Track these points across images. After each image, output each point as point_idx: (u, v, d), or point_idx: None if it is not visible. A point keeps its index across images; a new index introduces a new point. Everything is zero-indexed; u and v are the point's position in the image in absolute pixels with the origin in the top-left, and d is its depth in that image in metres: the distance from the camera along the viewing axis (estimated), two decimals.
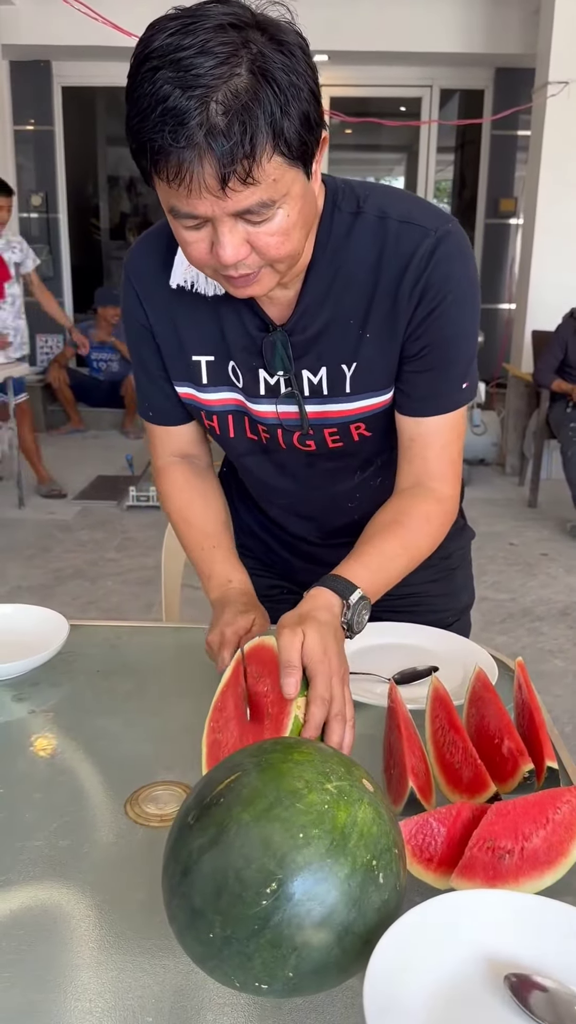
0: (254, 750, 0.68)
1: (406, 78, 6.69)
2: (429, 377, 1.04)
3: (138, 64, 0.81)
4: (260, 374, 1.07)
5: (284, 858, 0.59)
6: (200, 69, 0.77)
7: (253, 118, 0.78)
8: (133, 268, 1.11)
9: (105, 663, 1.19)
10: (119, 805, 0.88)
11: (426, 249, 0.97)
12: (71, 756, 0.98)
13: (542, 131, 5.19)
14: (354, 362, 1.04)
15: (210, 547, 1.15)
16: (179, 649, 1.26)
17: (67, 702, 1.09)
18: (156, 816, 0.87)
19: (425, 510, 1.06)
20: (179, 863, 0.63)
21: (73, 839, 0.84)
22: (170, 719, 1.05)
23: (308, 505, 1.22)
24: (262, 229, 0.86)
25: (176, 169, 0.80)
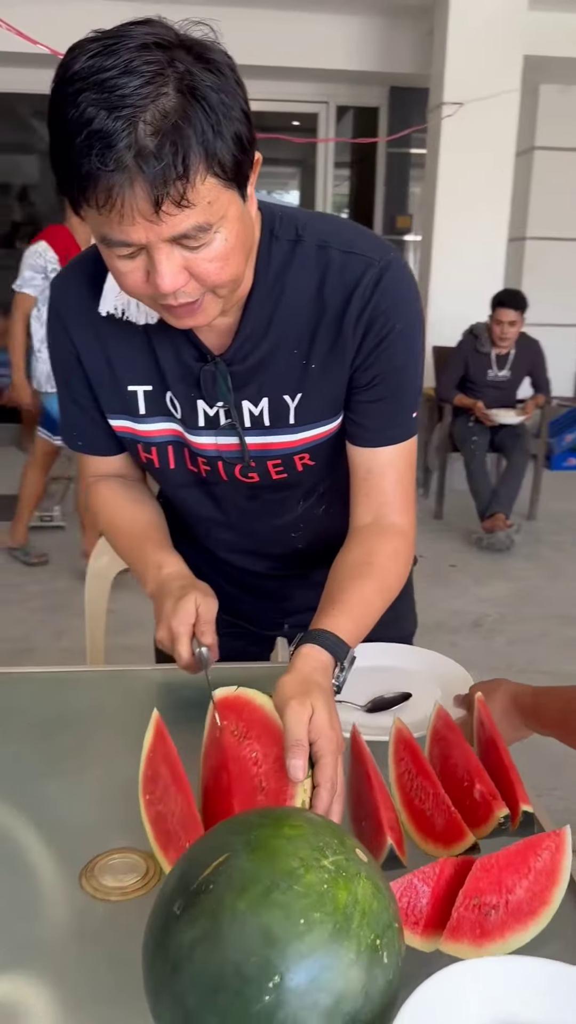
0: (239, 826, 0.63)
1: (302, 94, 6.72)
2: (381, 407, 1.02)
3: (59, 87, 0.77)
4: (199, 405, 1.03)
5: (286, 948, 0.55)
6: (125, 89, 0.73)
7: (184, 138, 0.75)
8: (59, 297, 1.05)
9: (39, 716, 1.12)
10: (73, 879, 0.82)
11: (370, 279, 0.95)
12: (13, 826, 0.90)
13: (438, 150, 5.30)
14: (298, 393, 1.01)
15: (138, 545, 1.10)
16: (118, 696, 1.20)
17: (1, 763, 1.01)
18: (116, 889, 0.80)
19: (392, 547, 1.03)
20: (167, 959, 0.58)
21: (28, 922, 0.77)
22: (116, 776, 0.98)
23: (251, 538, 1.18)
24: (200, 255, 0.83)
25: (106, 194, 0.76)
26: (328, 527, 1.16)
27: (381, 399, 1.01)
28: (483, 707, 0.98)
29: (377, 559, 1.01)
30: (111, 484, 1.16)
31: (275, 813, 0.65)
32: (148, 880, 0.81)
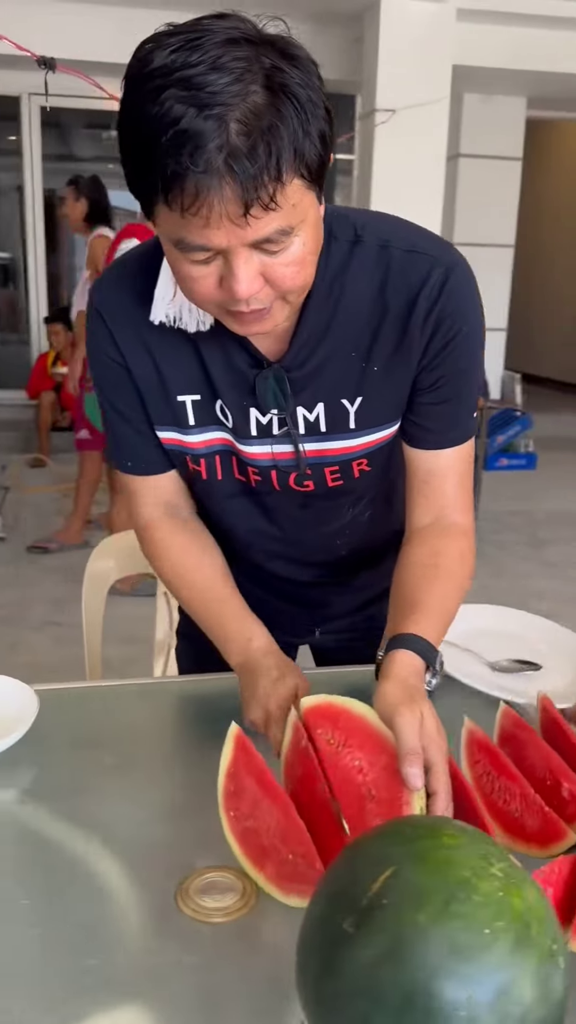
0: (393, 837, 0.61)
1: None
2: (444, 409, 1.01)
3: (137, 82, 0.73)
4: (252, 413, 1.00)
5: (475, 960, 0.54)
6: (214, 86, 0.70)
7: (277, 138, 0.73)
8: (104, 304, 1.00)
9: (76, 732, 1.07)
10: (166, 901, 0.78)
11: (437, 279, 0.94)
12: (88, 849, 0.86)
13: (372, 157, 5.36)
14: (359, 396, 0.99)
15: (217, 604, 1.05)
16: (150, 710, 1.16)
17: (53, 783, 0.97)
18: (218, 910, 0.77)
19: (458, 548, 1.03)
20: (342, 977, 0.56)
21: (130, 951, 0.73)
22: (175, 792, 0.96)
23: (296, 547, 1.15)
24: (278, 259, 0.80)
25: (193, 196, 0.73)
26: (373, 533, 1.16)
27: (444, 401, 1.00)
28: (549, 706, 0.99)
29: (443, 560, 1.01)
30: (170, 524, 1.10)
31: (426, 822, 0.64)
32: (247, 899, 0.79)
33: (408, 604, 0.96)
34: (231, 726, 0.87)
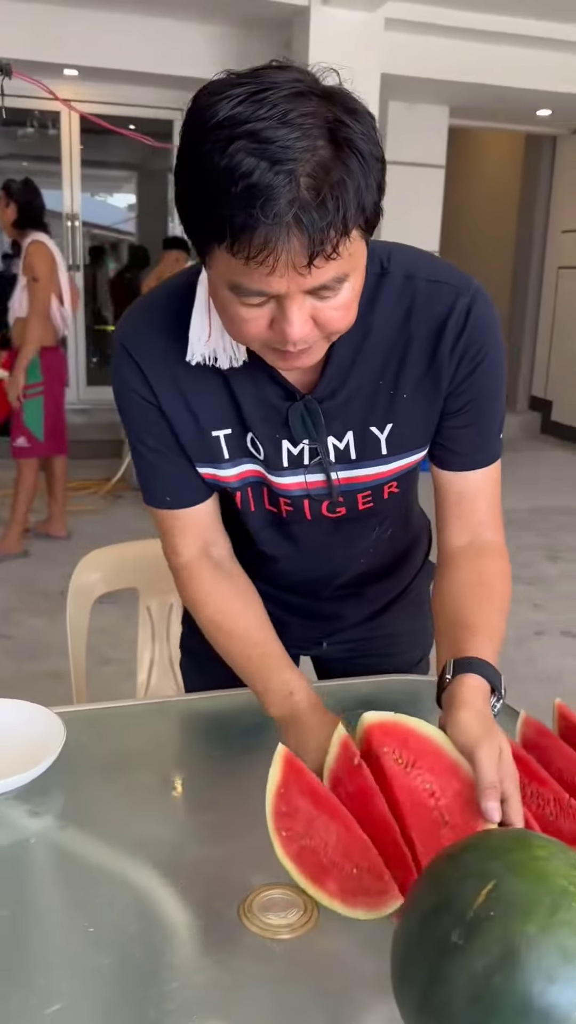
0: (487, 852, 0.64)
1: (158, 100, 6.67)
2: (473, 431, 1.04)
3: (201, 132, 0.75)
4: (284, 445, 1.02)
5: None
6: (285, 141, 0.72)
7: (344, 192, 0.75)
8: (134, 343, 1.00)
9: (100, 755, 1.07)
10: (230, 921, 0.80)
11: (462, 309, 0.97)
12: (140, 874, 0.87)
13: None
14: (388, 423, 1.02)
15: (259, 656, 1.04)
16: (172, 729, 1.17)
17: (87, 807, 0.97)
18: (284, 927, 0.79)
19: (499, 567, 1.06)
20: (459, 989, 0.59)
21: (205, 971, 0.75)
22: (215, 813, 0.97)
23: (320, 568, 1.17)
24: (329, 304, 0.83)
25: (261, 247, 0.75)
26: (392, 548, 1.20)
27: (472, 424, 1.03)
28: (567, 712, 1.04)
29: (488, 579, 1.04)
30: (209, 568, 1.09)
31: (511, 835, 0.67)
32: (310, 914, 0.81)
33: (464, 627, 0.98)
34: (278, 747, 0.88)
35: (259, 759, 1.07)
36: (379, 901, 0.77)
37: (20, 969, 0.74)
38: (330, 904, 0.80)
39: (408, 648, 1.36)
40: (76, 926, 0.79)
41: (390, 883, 0.77)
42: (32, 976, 0.73)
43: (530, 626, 3.62)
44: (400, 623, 1.32)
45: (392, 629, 1.31)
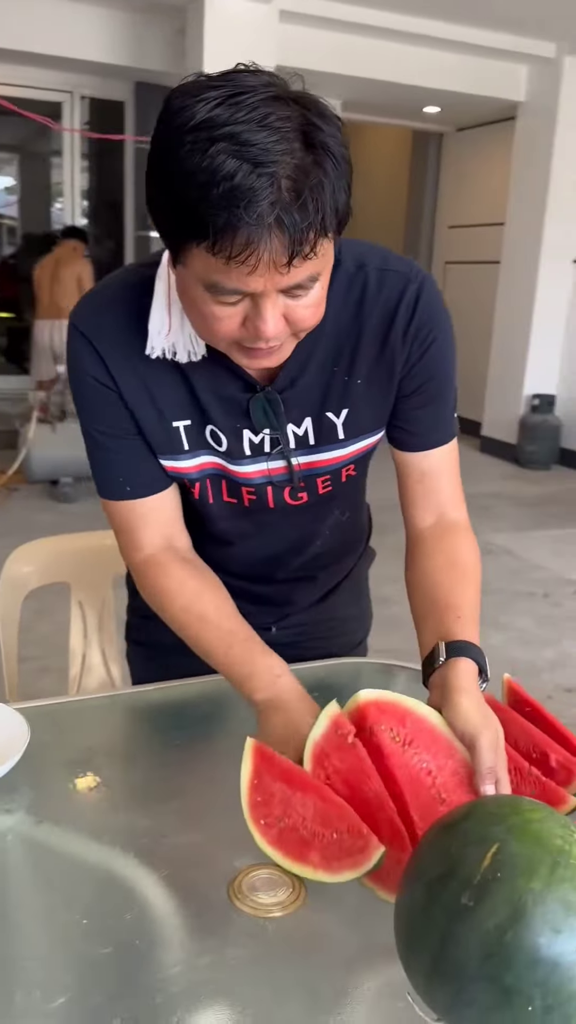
0: (487, 818, 0.68)
1: (46, 81, 6.49)
2: (429, 411, 1.08)
3: (179, 134, 0.76)
4: (245, 435, 1.04)
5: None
6: (264, 144, 0.75)
7: (322, 194, 0.78)
8: (93, 331, 0.99)
9: (61, 750, 1.06)
10: (221, 903, 0.81)
11: (411, 295, 1.02)
12: (126, 863, 0.87)
13: None
14: (344, 408, 1.05)
15: (240, 642, 1.04)
16: (131, 722, 1.17)
17: (59, 801, 0.96)
18: (275, 904, 0.82)
19: (468, 544, 1.10)
20: (472, 949, 0.62)
21: (209, 954, 0.76)
22: (188, 800, 0.98)
23: (278, 554, 1.19)
24: (300, 302, 0.86)
25: (243, 246, 0.77)
26: (345, 532, 1.23)
27: (427, 404, 1.07)
28: (515, 688, 1.10)
29: (460, 558, 1.07)
30: (174, 560, 1.08)
31: (503, 802, 0.71)
32: (298, 891, 0.83)
33: (448, 608, 1.01)
34: (247, 741, 0.89)
35: (220, 745, 1.11)
36: (363, 857, 0.80)
37: (19, 966, 0.73)
38: (315, 876, 0.82)
39: (349, 631, 1.40)
40: (69, 920, 0.79)
41: (369, 835, 0.80)
42: (33, 972, 0.73)
43: None
44: (343, 607, 1.36)
45: (336, 613, 1.34)
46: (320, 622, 1.33)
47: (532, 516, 5.50)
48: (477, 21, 5.82)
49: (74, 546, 1.70)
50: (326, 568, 1.27)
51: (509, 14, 5.66)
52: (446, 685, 0.93)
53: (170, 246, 0.84)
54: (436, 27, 5.83)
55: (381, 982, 0.75)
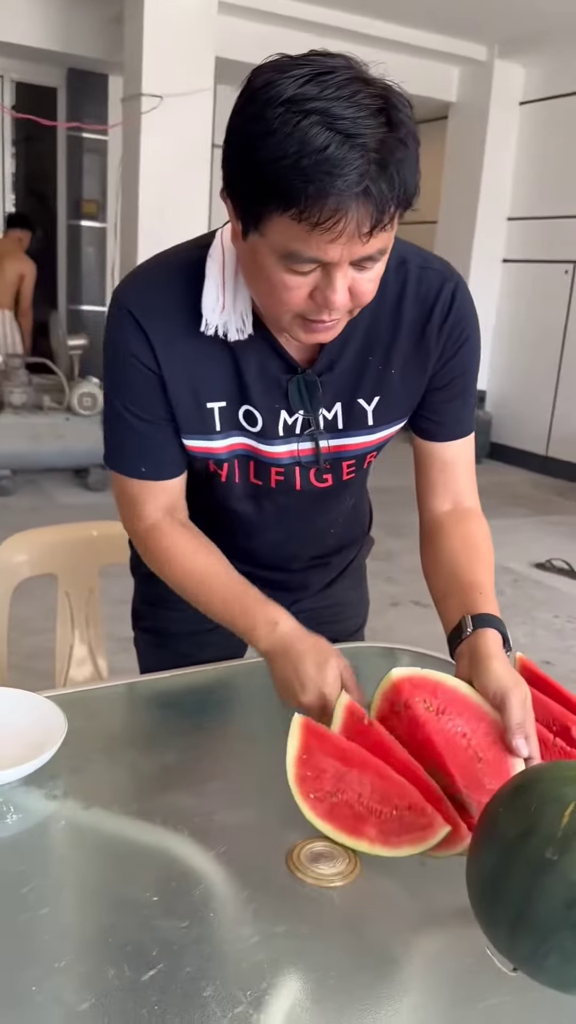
0: (557, 780, 0.72)
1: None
2: (456, 405, 1.14)
3: (269, 107, 0.79)
4: (281, 415, 1.07)
5: None
6: (355, 118, 0.79)
7: (404, 169, 0.82)
8: (143, 311, 1.01)
9: (95, 737, 1.07)
10: (282, 875, 0.84)
11: (447, 294, 1.06)
12: (180, 844, 0.88)
13: (138, 143, 5.32)
14: (376, 396, 1.09)
15: (236, 596, 1.07)
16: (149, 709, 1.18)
17: (103, 787, 0.97)
18: (337, 875, 0.85)
19: (483, 530, 1.16)
20: (557, 899, 0.67)
21: (284, 923, 0.78)
22: (222, 779, 1.00)
23: (294, 540, 1.22)
24: (365, 275, 0.90)
25: (332, 214, 0.80)
26: (355, 517, 1.28)
27: (455, 398, 1.13)
28: (528, 664, 1.15)
29: (474, 541, 1.14)
30: (175, 526, 1.11)
31: (572, 765, 0.75)
32: (355, 863, 0.86)
33: (470, 586, 1.07)
34: (295, 717, 0.92)
35: (246, 728, 1.13)
36: (425, 834, 0.84)
37: (104, 945, 0.75)
38: (371, 850, 0.85)
39: (351, 616, 1.43)
40: (141, 898, 0.80)
41: (434, 815, 0.84)
42: (117, 950, 0.74)
43: (386, 598, 3.82)
44: (346, 592, 1.39)
45: (340, 598, 1.38)
46: (326, 607, 1.37)
47: None
48: (410, 21, 5.92)
49: (61, 537, 1.69)
50: (339, 553, 1.31)
51: (442, 15, 5.78)
52: (475, 653, 0.99)
53: (247, 216, 0.86)
54: (371, 25, 5.91)
55: (449, 940, 0.79)
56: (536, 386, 6.87)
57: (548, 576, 4.42)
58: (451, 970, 0.76)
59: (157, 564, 1.13)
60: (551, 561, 4.57)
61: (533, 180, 6.72)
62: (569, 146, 6.44)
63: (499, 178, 6.81)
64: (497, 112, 6.61)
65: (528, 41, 6.13)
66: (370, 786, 0.88)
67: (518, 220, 6.84)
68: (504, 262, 7.03)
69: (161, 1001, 0.69)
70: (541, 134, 6.65)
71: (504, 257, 7.02)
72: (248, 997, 0.70)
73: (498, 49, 6.44)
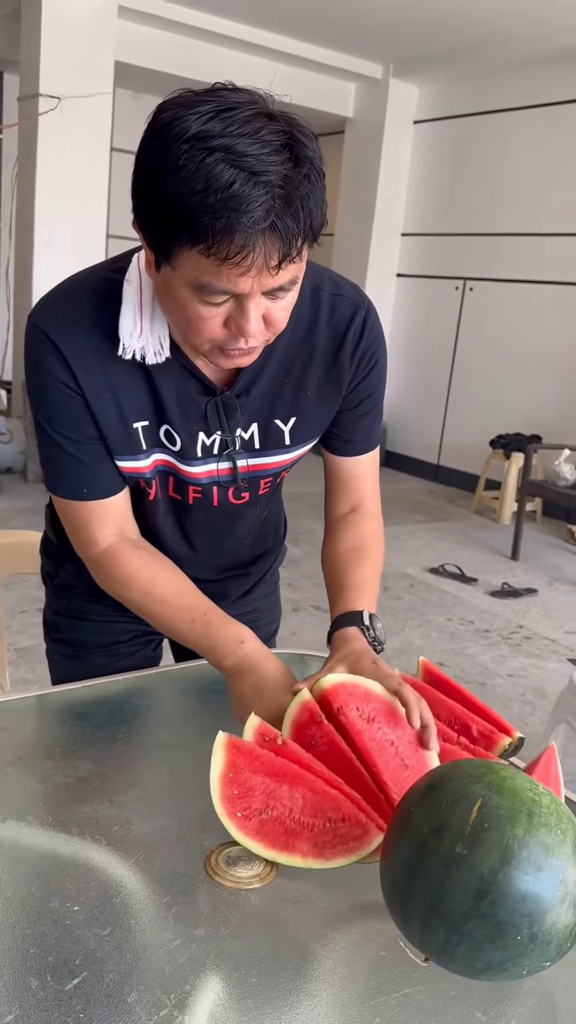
0: (466, 778, 0.77)
1: None
2: (364, 422, 1.19)
3: (174, 144, 0.81)
4: (199, 436, 1.09)
5: (562, 855, 0.72)
6: (259, 155, 0.81)
7: (308, 203, 0.85)
8: (60, 335, 1.00)
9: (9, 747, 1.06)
10: (200, 879, 0.86)
11: (359, 321, 1.12)
12: (98, 855, 0.89)
13: (36, 143, 5.22)
14: (292, 417, 1.13)
15: (201, 615, 1.08)
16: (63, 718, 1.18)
17: (17, 798, 0.97)
18: (254, 877, 0.87)
19: (374, 532, 1.23)
20: (467, 890, 0.71)
21: (204, 925, 0.80)
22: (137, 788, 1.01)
23: (212, 553, 1.25)
24: (278, 304, 0.93)
25: (239, 249, 0.83)
26: (272, 526, 1.32)
27: (365, 415, 1.18)
28: (432, 668, 1.20)
29: (366, 543, 1.20)
30: (129, 547, 1.11)
31: (478, 763, 0.80)
32: (271, 865, 0.89)
33: (345, 586, 1.15)
34: (218, 735, 0.92)
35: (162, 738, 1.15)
36: (360, 843, 0.87)
37: (27, 955, 0.75)
38: (304, 864, 0.87)
39: (269, 621, 1.47)
40: (61, 908, 0.80)
41: (368, 824, 0.87)
42: (40, 959, 0.74)
43: (288, 604, 3.86)
44: (263, 599, 1.43)
45: (257, 605, 1.41)
46: (245, 615, 1.39)
47: None
48: (309, 36, 6.02)
49: None
50: (256, 562, 1.34)
51: (339, 32, 5.91)
52: (346, 646, 1.06)
53: (158, 249, 0.88)
54: (270, 38, 5.99)
55: (364, 935, 0.83)
56: (429, 397, 7.08)
57: (441, 580, 4.57)
58: (367, 963, 0.79)
59: (116, 588, 1.12)
60: (444, 566, 4.72)
61: (425, 198, 6.93)
62: (459, 167, 6.68)
63: (394, 194, 6.99)
64: (392, 129, 6.79)
65: (422, 62, 6.33)
66: (302, 800, 0.90)
67: (411, 236, 7.04)
68: (398, 276, 7.22)
69: (86, 1009, 0.70)
70: (433, 153, 6.87)
71: (398, 272, 7.21)
72: (172, 1000, 0.72)
73: (393, 68, 6.62)
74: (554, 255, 6.03)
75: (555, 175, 5.98)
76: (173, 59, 5.96)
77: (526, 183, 6.17)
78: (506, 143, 6.30)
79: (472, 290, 6.67)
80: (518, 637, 3.92)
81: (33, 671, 3.00)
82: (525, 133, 6.15)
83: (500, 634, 3.94)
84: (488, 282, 6.54)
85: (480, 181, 6.53)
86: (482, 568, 4.84)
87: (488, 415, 6.51)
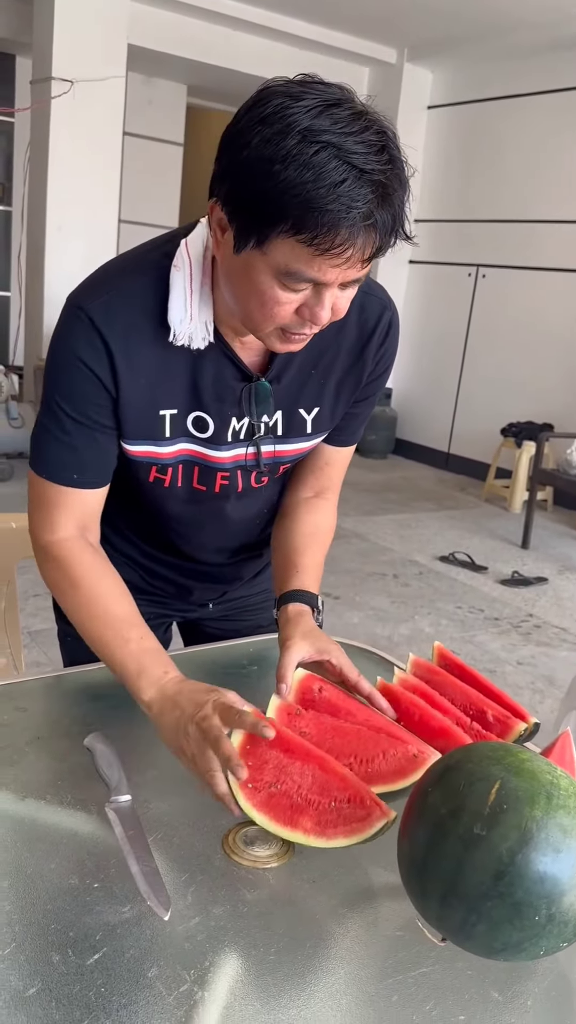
0: (485, 760, 0.77)
1: None
2: (359, 418, 1.22)
3: (284, 135, 0.82)
4: (231, 421, 1.10)
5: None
6: (367, 154, 0.83)
7: (403, 202, 0.88)
8: (105, 319, 0.99)
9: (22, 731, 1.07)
10: (218, 858, 0.87)
11: (386, 322, 1.14)
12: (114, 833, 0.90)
13: (48, 126, 5.21)
14: (316, 407, 1.15)
15: (137, 639, 1.03)
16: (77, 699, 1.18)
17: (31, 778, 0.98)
18: (272, 856, 0.88)
19: (330, 520, 1.27)
20: (486, 871, 0.71)
21: (222, 904, 0.81)
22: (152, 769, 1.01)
23: (227, 537, 1.26)
24: (345, 294, 0.94)
25: (342, 242, 0.85)
26: (278, 508, 1.31)
27: (362, 412, 1.22)
28: (448, 655, 1.21)
29: (321, 531, 1.25)
30: (85, 548, 1.08)
31: (498, 746, 0.80)
32: (288, 845, 0.89)
33: (295, 567, 1.19)
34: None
35: None
36: (362, 825, 0.87)
37: (49, 931, 0.76)
38: (306, 841, 0.87)
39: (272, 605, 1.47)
40: (81, 886, 0.81)
41: (372, 807, 0.88)
42: (62, 935, 0.75)
43: None
44: (271, 581, 1.43)
45: (266, 586, 1.42)
46: (253, 595, 1.42)
47: (374, 501, 5.76)
48: (323, 20, 5.98)
49: None
50: (267, 544, 1.34)
51: (354, 16, 5.86)
52: (289, 623, 1.13)
53: (248, 233, 0.88)
54: (284, 21, 5.95)
55: (381, 914, 0.83)
56: (440, 385, 7.06)
57: (451, 568, 4.57)
58: (384, 942, 0.80)
59: (61, 584, 1.08)
60: (454, 554, 4.72)
61: (439, 184, 6.89)
62: (472, 153, 6.64)
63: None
64: (405, 114, 6.74)
65: (436, 46, 6.28)
66: (311, 777, 0.91)
67: (425, 222, 6.99)
68: (411, 263, 7.19)
69: (107, 983, 0.71)
70: (447, 139, 6.82)
71: (411, 258, 7.17)
72: (192, 976, 0.73)
73: (407, 53, 6.56)
74: (568, 242, 5.99)
75: (570, 161, 5.93)
76: (186, 43, 5.93)
77: (541, 169, 6.13)
78: (520, 129, 6.25)
79: (484, 277, 6.64)
80: (528, 625, 3.92)
81: (46, 654, 3.02)
82: (539, 119, 6.10)
83: (510, 622, 3.94)
84: (501, 269, 6.50)
85: (494, 167, 6.48)
86: (492, 556, 4.84)
87: (499, 403, 6.49)
